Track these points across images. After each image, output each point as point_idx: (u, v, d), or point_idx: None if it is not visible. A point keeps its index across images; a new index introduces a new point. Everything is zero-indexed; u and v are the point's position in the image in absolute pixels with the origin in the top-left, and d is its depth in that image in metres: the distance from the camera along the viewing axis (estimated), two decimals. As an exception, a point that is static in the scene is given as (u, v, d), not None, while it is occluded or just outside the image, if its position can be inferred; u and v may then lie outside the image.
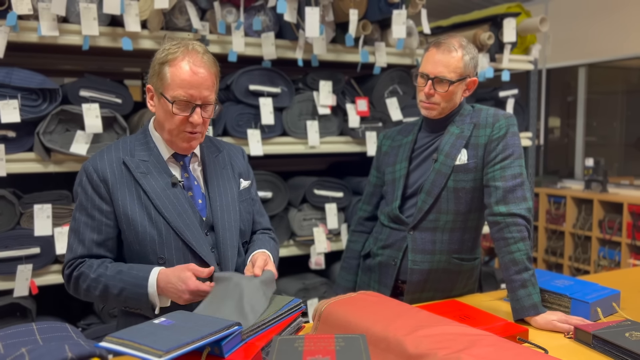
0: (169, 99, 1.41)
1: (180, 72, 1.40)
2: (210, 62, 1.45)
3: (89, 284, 1.42)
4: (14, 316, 2.20)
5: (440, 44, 1.75)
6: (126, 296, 1.40)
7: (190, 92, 1.40)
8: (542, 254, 5.29)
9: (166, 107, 1.42)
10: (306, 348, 1.07)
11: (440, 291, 1.85)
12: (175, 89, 1.40)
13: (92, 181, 1.44)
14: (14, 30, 2.03)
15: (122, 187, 1.45)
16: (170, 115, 1.42)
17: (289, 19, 2.41)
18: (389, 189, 1.90)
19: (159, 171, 1.47)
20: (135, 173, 1.45)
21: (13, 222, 2.12)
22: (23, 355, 0.98)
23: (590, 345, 1.40)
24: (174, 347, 1.05)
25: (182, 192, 1.48)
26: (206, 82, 1.42)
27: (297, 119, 2.57)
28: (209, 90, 1.43)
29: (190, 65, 1.40)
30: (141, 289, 1.38)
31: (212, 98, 1.45)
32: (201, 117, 1.43)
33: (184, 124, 1.43)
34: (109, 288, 1.40)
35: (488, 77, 2.95)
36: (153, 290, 1.38)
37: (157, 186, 1.45)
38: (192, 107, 1.41)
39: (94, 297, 1.45)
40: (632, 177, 5.13)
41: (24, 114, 2.05)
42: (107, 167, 1.45)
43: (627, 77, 5.40)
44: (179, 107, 1.41)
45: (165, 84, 1.41)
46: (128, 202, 1.44)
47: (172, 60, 1.41)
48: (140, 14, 2.19)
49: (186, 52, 1.41)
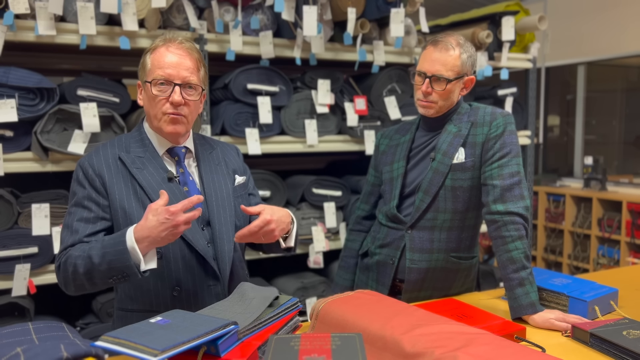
0: (149, 81, 1.45)
1: (158, 56, 1.46)
2: (190, 48, 1.50)
3: (75, 263, 1.35)
4: (12, 316, 2.20)
5: (438, 42, 1.75)
6: (109, 260, 1.30)
7: (167, 71, 1.44)
8: (542, 253, 5.29)
9: (149, 93, 1.46)
10: (302, 347, 1.06)
11: (438, 290, 1.85)
12: (155, 71, 1.45)
13: (88, 175, 1.46)
14: (11, 30, 2.03)
15: (118, 182, 1.46)
16: (153, 99, 1.45)
17: (286, 18, 2.41)
18: (387, 188, 1.90)
19: (154, 166, 1.48)
20: (131, 168, 1.46)
21: (11, 222, 2.12)
22: (18, 355, 0.98)
23: (588, 343, 1.40)
24: (169, 347, 1.04)
25: (177, 187, 1.49)
26: (185, 63, 1.46)
27: (295, 117, 2.57)
28: (188, 71, 1.46)
29: (169, 48, 1.47)
30: (120, 245, 1.30)
31: (193, 80, 1.47)
32: (182, 98, 1.45)
33: (165, 105, 1.45)
34: (92, 258, 1.33)
35: (487, 76, 2.95)
36: (132, 243, 1.29)
37: (153, 181, 1.46)
38: (171, 87, 1.44)
39: (80, 279, 1.36)
40: (631, 175, 5.13)
41: (21, 113, 2.05)
42: (102, 163, 1.47)
43: (627, 75, 5.40)
44: (158, 89, 1.44)
45: (147, 71, 1.47)
46: (125, 196, 1.45)
47: (153, 49, 1.48)
48: (138, 12, 2.19)
49: (166, 40, 1.49)
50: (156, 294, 1.47)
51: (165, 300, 1.47)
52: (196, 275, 1.48)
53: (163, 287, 1.47)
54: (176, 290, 1.47)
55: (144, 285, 1.47)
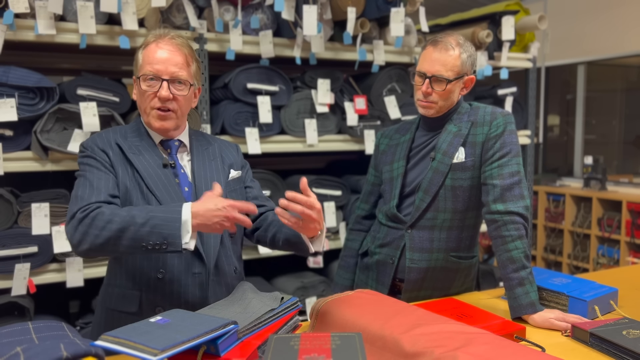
0: (139, 76, 1.48)
1: (148, 52, 1.49)
2: (181, 43, 1.51)
3: (109, 219, 1.32)
4: (12, 315, 2.19)
5: (437, 42, 1.75)
6: (155, 224, 1.30)
7: (156, 67, 1.46)
8: (541, 252, 5.29)
9: (139, 88, 1.49)
10: (302, 346, 1.06)
11: (438, 289, 1.85)
12: (145, 67, 1.48)
13: (95, 151, 1.49)
14: (11, 29, 2.03)
15: (118, 164, 1.49)
16: (142, 94, 1.49)
17: (286, 17, 2.40)
18: (387, 187, 1.90)
19: (150, 154, 1.52)
20: (127, 153, 1.50)
21: (11, 221, 2.12)
22: (18, 355, 0.98)
23: (588, 343, 1.40)
24: (169, 346, 1.04)
25: (172, 174, 1.52)
26: (174, 58, 1.48)
27: (295, 117, 2.57)
28: (177, 66, 1.48)
29: (159, 44, 1.49)
30: (175, 214, 1.32)
31: (182, 75, 1.48)
32: (169, 92, 1.46)
33: (154, 100, 1.48)
34: (135, 218, 1.31)
35: (487, 75, 2.95)
36: (187, 216, 1.31)
37: (149, 166, 1.50)
38: (159, 82, 1.46)
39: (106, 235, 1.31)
40: (631, 175, 5.13)
41: (21, 112, 2.05)
42: (106, 143, 1.51)
43: (626, 75, 5.40)
44: (147, 84, 1.47)
45: (138, 67, 1.50)
46: (124, 178, 1.48)
47: (145, 45, 1.50)
48: (138, 12, 2.19)
49: (157, 36, 1.51)
50: (141, 272, 1.49)
51: (148, 282, 1.48)
52: (182, 261, 1.50)
53: (149, 268, 1.48)
54: (160, 272, 1.48)
55: (130, 261, 1.49)
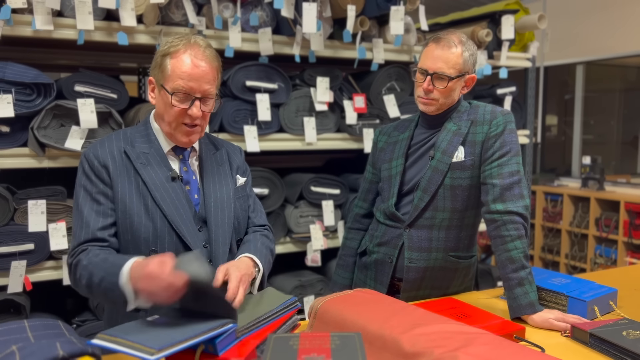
0: (168, 90, 1.42)
1: (180, 64, 1.41)
2: (212, 56, 1.46)
3: (80, 272, 1.35)
4: (8, 312, 2.18)
5: (440, 39, 1.74)
6: (105, 287, 1.28)
7: (190, 84, 1.41)
8: (539, 252, 5.29)
9: (166, 99, 1.43)
10: (301, 346, 1.06)
11: (436, 289, 1.84)
12: (176, 80, 1.41)
13: (94, 167, 1.44)
14: (8, 24, 2.01)
15: (122, 175, 1.45)
16: (170, 107, 1.43)
17: (286, 15, 2.39)
18: (385, 185, 1.89)
19: (158, 164, 1.47)
20: (135, 163, 1.45)
21: (7, 218, 2.10)
22: (14, 353, 0.97)
23: (587, 343, 1.40)
24: (166, 345, 1.04)
25: (180, 186, 1.48)
26: (207, 76, 1.43)
27: (294, 115, 2.56)
28: (209, 84, 1.44)
29: (192, 58, 1.42)
30: (114, 277, 1.25)
31: (212, 92, 1.45)
32: (200, 111, 1.43)
33: (183, 116, 1.43)
34: (92, 276, 1.31)
35: (486, 75, 2.95)
36: (125, 280, 1.24)
37: (157, 178, 1.45)
38: (191, 99, 1.42)
39: (83, 289, 1.37)
40: (629, 175, 5.13)
41: (17, 108, 2.03)
42: (107, 154, 1.46)
43: (625, 75, 5.40)
44: (178, 99, 1.42)
45: (166, 76, 1.42)
46: (127, 190, 1.44)
47: (174, 52, 1.42)
48: (136, 8, 2.17)
49: (188, 45, 1.43)
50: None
51: None
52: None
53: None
54: None
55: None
